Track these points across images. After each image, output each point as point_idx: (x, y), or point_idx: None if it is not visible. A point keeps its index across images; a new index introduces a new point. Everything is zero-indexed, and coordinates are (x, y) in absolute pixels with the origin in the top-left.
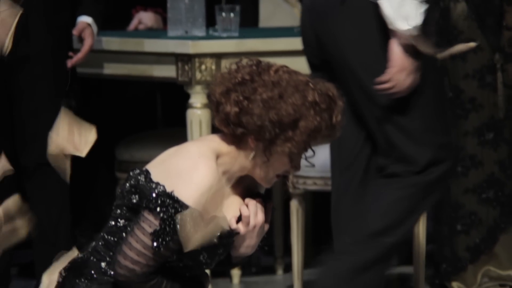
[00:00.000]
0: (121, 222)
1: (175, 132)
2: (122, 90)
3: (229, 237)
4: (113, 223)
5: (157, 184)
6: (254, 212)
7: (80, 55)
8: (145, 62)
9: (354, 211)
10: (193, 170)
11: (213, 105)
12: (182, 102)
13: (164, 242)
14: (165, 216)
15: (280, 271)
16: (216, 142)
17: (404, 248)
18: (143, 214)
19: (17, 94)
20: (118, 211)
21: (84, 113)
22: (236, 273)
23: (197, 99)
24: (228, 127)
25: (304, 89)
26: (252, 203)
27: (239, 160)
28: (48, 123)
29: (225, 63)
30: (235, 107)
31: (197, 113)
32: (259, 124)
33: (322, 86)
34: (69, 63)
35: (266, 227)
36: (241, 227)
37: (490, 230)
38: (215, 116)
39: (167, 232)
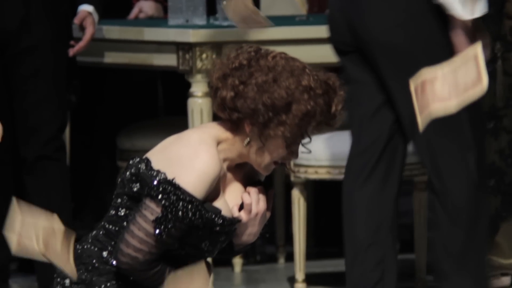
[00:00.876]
0: (122, 211)
1: (176, 121)
2: (123, 79)
3: (231, 225)
4: (113, 212)
5: (158, 171)
6: (256, 200)
7: (81, 44)
8: (145, 51)
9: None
10: (194, 157)
11: (212, 90)
12: (183, 91)
13: (166, 229)
14: (166, 203)
15: (281, 260)
16: (216, 129)
17: None
18: (145, 202)
19: (18, 86)
20: (119, 200)
21: (85, 104)
22: (238, 261)
23: (198, 88)
24: (224, 112)
25: (300, 74)
26: (254, 190)
27: (237, 147)
28: (49, 115)
29: (225, 52)
30: (231, 91)
31: (198, 101)
32: (252, 108)
33: (321, 74)
34: (71, 52)
35: (268, 214)
36: (243, 215)
37: (491, 219)
38: (213, 102)
39: (169, 219)
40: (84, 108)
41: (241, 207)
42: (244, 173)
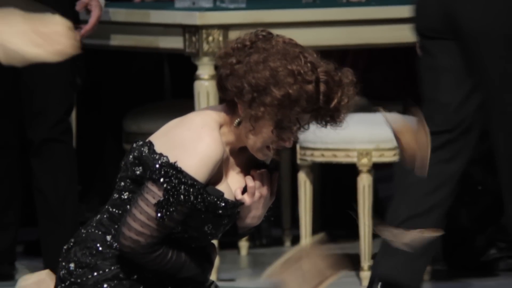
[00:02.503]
0: (125, 194)
1: (182, 104)
2: (130, 62)
3: (234, 208)
4: (117, 195)
5: (161, 155)
6: (260, 183)
7: (88, 27)
8: (152, 34)
9: None
10: (197, 141)
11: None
12: (190, 74)
13: (168, 213)
14: (168, 187)
15: (288, 243)
16: (218, 112)
17: None
18: (147, 185)
19: (25, 69)
20: (122, 183)
21: (91, 86)
22: (244, 244)
23: (205, 70)
24: (220, 90)
25: (292, 58)
26: (257, 173)
27: (234, 130)
28: (56, 98)
29: (232, 35)
30: (227, 70)
31: (205, 84)
32: (238, 86)
33: (329, 66)
34: (78, 35)
35: (272, 197)
36: (246, 198)
37: (497, 200)
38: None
39: (171, 202)
40: (90, 91)
41: (244, 190)
42: (248, 156)
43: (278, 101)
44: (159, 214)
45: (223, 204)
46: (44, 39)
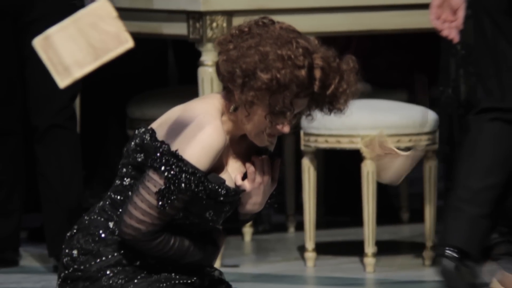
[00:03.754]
0: (127, 180)
1: (186, 90)
2: (134, 47)
3: (235, 195)
4: (119, 182)
5: (162, 143)
6: (260, 169)
7: None
8: (155, 20)
9: None
10: (198, 129)
11: None
12: (195, 60)
13: (169, 201)
14: (169, 175)
15: (291, 229)
16: (219, 100)
17: None
18: (148, 174)
19: (30, 55)
20: (124, 170)
21: (95, 73)
22: (248, 230)
23: (209, 56)
24: (219, 76)
25: (284, 43)
26: (258, 160)
27: (233, 117)
28: None
29: (236, 21)
30: (224, 55)
31: (209, 70)
32: (229, 70)
33: (329, 52)
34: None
35: (274, 184)
36: (247, 184)
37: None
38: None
39: (172, 191)
40: (94, 77)
41: (245, 177)
42: (249, 144)
43: (266, 85)
44: (160, 202)
45: (224, 192)
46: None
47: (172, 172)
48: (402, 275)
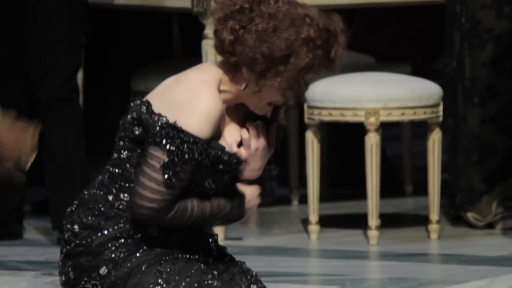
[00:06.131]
0: (125, 153)
1: (191, 63)
2: (138, 20)
3: (238, 163)
4: (116, 155)
5: (159, 115)
6: (255, 135)
7: None
8: None
9: None
10: (195, 98)
11: (213, 31)
12: (199, 33)
13: (174, 174)
14: (172, 148)
15: (295, 202)
16: (216, 70)
17: None
18: (150, 152)
19: (33, 27)
20: (121, 143)
21: (98, 45)
22: None
23: (212, 29)
24: (222, 54)
25: (300, 24)
26: (252, 126)
27: (235, 88)
28: (64, 56)
29: None
30: (230, 35)
31: (212, 43)
32: (250, 56)
33: (323, 19)
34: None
35: (271, 149)
36: (242, 151)
37: (506, 159)
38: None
39: (176, 163)
40: (98, 50)
41: (240, 144)
42: (245, 112)
43: (297, 71)
44: (166, 176)
45: (226, 157)
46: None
47: (174, 144)
48: (406, 248)
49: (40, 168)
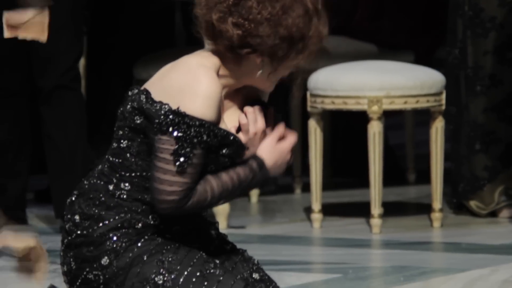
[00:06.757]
0: (124, 143)
1: (193, 51)
2: (141, 7)
3: (242, 148)
4: (116, 144)
5: (161, 103)
6: (253, 119)
7: None
8: None
9: None
10: (195, 82)
11: (207, 31)
12: None
13: (187, 159)
14: (179, 134)
15: (298, 190)
16: (213, 57)
17: None
18: (158, 146)
19: None
20: (120, 132)
21: (100, 33)
22: (254, 192)
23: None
24: (232, 51)
25: (301, 3)
26: (250, 110)
27: (237, 74)
28: (67, 45)
29: None
30: (237, 30)
31: None
32: (271, 44)
33: None
34: None
35: (270, 132)
36: (241, 136)
37: (508, 148)
38: (210, 43)
39: (185, 148)
40: (100, 38)
41: (239, 130)
42: (243, 95)
43: (315, 44)
44: (177, 163)
45: (232, 137)
46: None
47: (181, 130)
48: (408, 236)
49: (42, 157)
